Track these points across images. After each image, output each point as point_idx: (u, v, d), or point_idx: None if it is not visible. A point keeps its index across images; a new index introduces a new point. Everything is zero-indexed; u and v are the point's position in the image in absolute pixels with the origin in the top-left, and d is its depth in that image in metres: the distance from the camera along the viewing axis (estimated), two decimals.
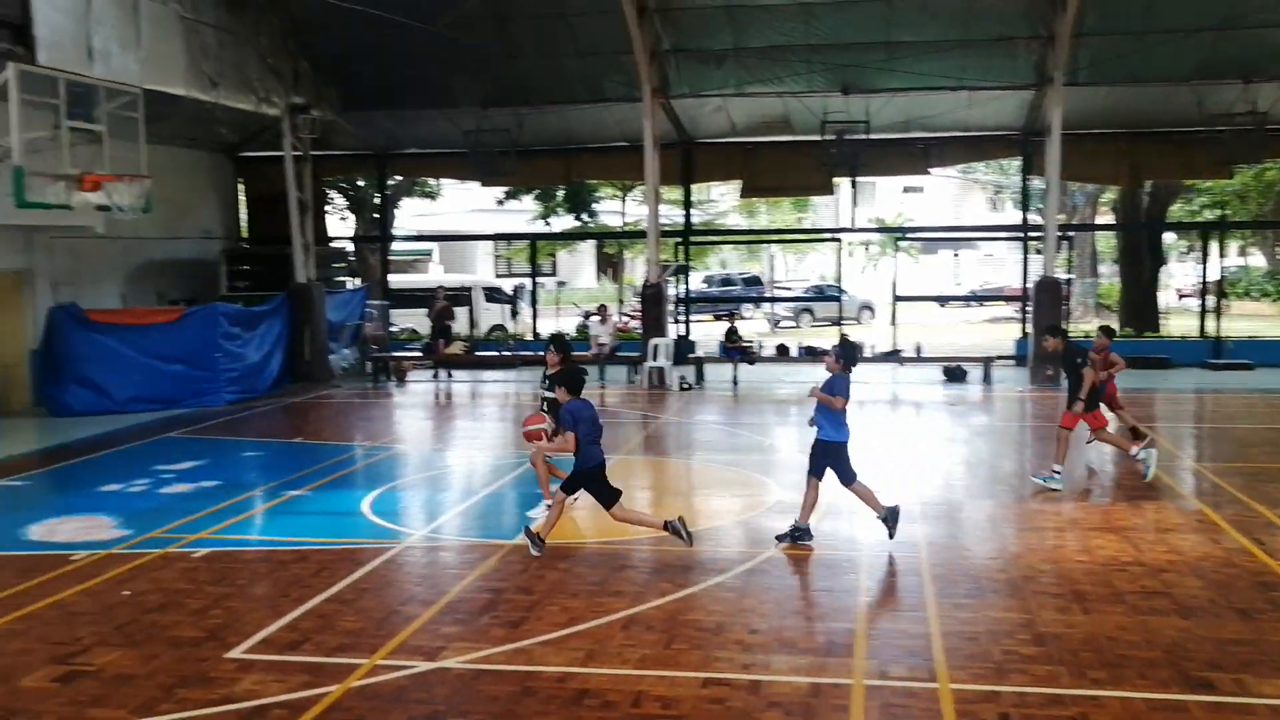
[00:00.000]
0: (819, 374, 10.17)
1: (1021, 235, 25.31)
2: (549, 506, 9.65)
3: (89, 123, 13.32)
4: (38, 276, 18.59)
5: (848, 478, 9.28)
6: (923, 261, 47.43)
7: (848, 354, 9.40)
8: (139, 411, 17.34)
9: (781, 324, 37.79)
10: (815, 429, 9.32)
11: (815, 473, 9.30)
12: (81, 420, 16.65)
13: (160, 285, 21.94)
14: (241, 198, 25.53)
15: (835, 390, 9.14)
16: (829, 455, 9.24)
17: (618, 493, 8.99)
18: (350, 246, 28.43)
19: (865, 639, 7.08)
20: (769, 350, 22.12)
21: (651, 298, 21.16)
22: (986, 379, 20.20)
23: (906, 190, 56.40)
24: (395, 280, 28.34)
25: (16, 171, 12.08)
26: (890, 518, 9.18)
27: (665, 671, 6.51)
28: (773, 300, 38.97)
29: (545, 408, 10.64)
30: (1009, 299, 35.27)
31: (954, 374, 20.87)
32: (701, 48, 20.45)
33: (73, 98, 13.04)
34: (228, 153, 24.46)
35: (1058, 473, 11.43)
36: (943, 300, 40.74)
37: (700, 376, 20.92)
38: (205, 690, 6.32)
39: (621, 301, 33.44)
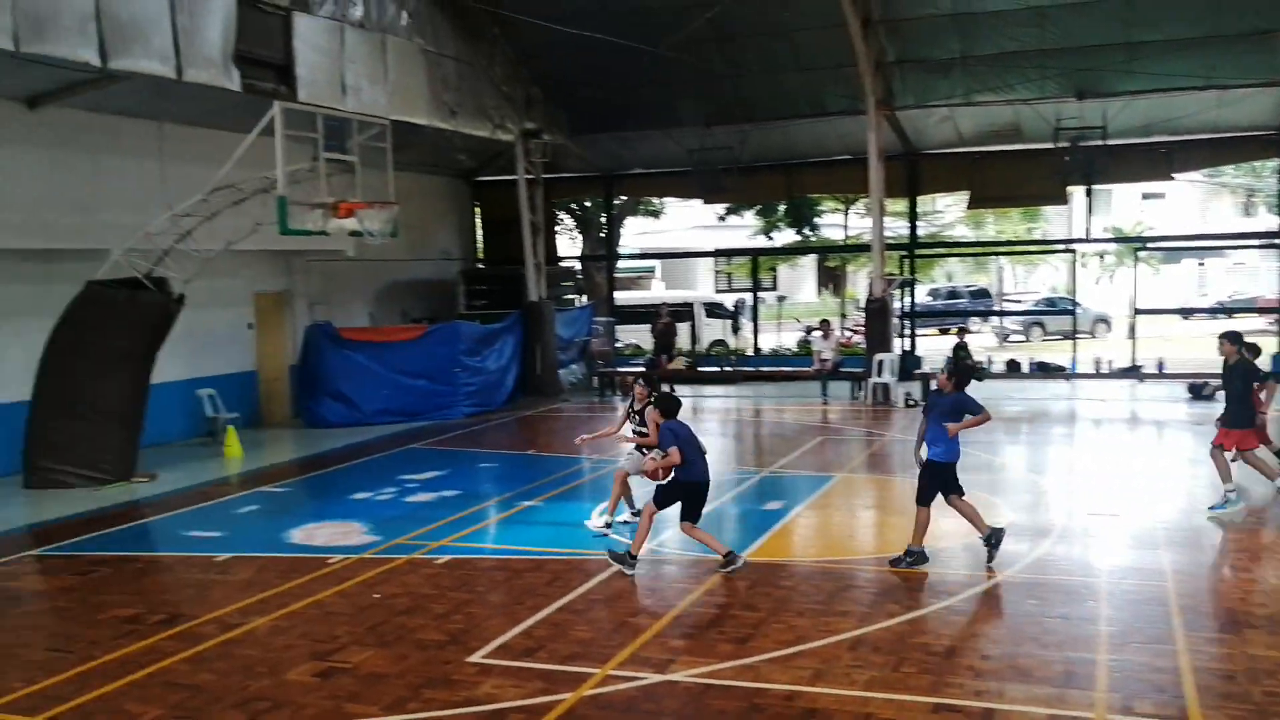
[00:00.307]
0: (1049, 389, 9.79)
1: (1277, 242, 23.28)
2: (625, 522, 10.31)
3: (342, 154, 14.29)
4: (296, 297, 20.15)
5: (953, 492, 9.11)
6: (1164, 272, 44.43)
7: (960, 371, 9.13)
8: (385, 423, 18.42)
9: (1011, 338, 36.30)
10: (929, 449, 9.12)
11: (924, 500, 9.10)
12: (334, 431, 17.85)
13: (404, 304, 23.32)
14: (477, 220, 26.77)
15: (964, 407, 8.96)
16: (939, 476, 9.04)
17: (699, 515, 9.14)
18: (578, 265, 29.29)
19: (1107, 670, 6.70)
20: (998, 365, 21.28)
21: (876, 312, 20.77)
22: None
23: (1146, 197, 53.03)
24: (620, 297, 28.95)
25: (280, 201, 13.09)
26: (993, 539, 8.88)
27: (894, 695, 6.38)
28: (1001, 314, 37.48)
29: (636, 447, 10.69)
30: (1263, 310, 32.57)
31: (1199, 391, 19.46)
32: (927, 58, 19.96)
33: (328, 131, 14.01)
34: (465, 178, 25.73)
35: (1231, 494, 10.62)
36: (1187, 313, 38.04)
37: (926, 393, 20.34)
38: (449, 692, 6.64)
39: (844, 316, 32.98)
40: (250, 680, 6.93)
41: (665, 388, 22.81)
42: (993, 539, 8.95)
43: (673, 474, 9.16)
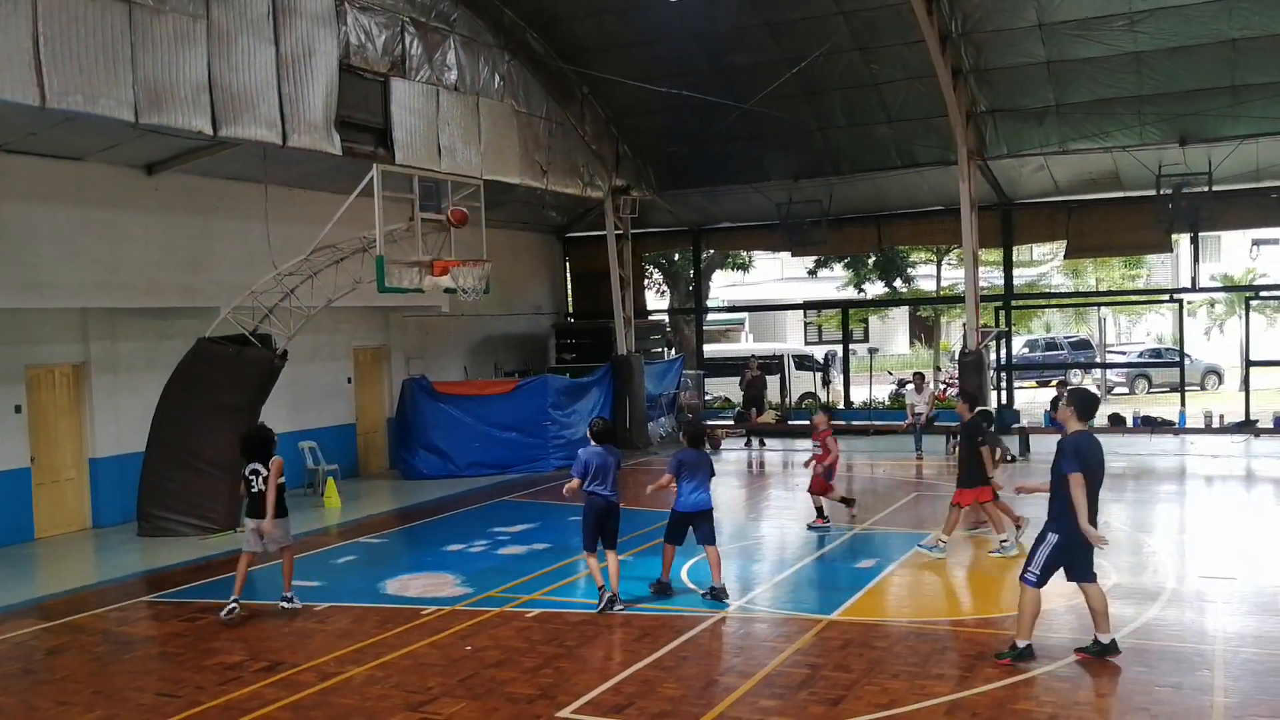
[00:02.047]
0: (1156, 444, 9.50)
1: None
2: None
3: (437, 213, 14.69)
4: (393, 352, 20.64)
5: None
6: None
7: (1084, 401, 8.27)
8: (477, 475, 18.66)
9: (1114, 390, 35.30)
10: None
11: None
12: (428, 483, 18.15)
13: (497, 358, 23.69)
14: (568, 275, 27.15)
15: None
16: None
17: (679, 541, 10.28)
18: (667, 319, 29.45)
19: None
20: (1101, 419, 20.69)
21: (971, 365, 20.41)
22: None
23: (1257, 243, 51.33)
24: (709, 350, 29.00)
25: (379, 260, 13.48)
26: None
27: None
28: (1103, 366, 36.49)
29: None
30: None
31: None
32: (1020, 106, 19.76)
33: (424, 191, 14.42)
34: (555, 233, 26.16)
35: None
36: None
37: (1025, 447, 19.88)
38: None
39: (938, 368, 32.49)
40: None
41: (755, 442, 22.90)
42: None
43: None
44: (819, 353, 32.98)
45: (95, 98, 11.44)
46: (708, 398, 27.15)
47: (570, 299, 27.34)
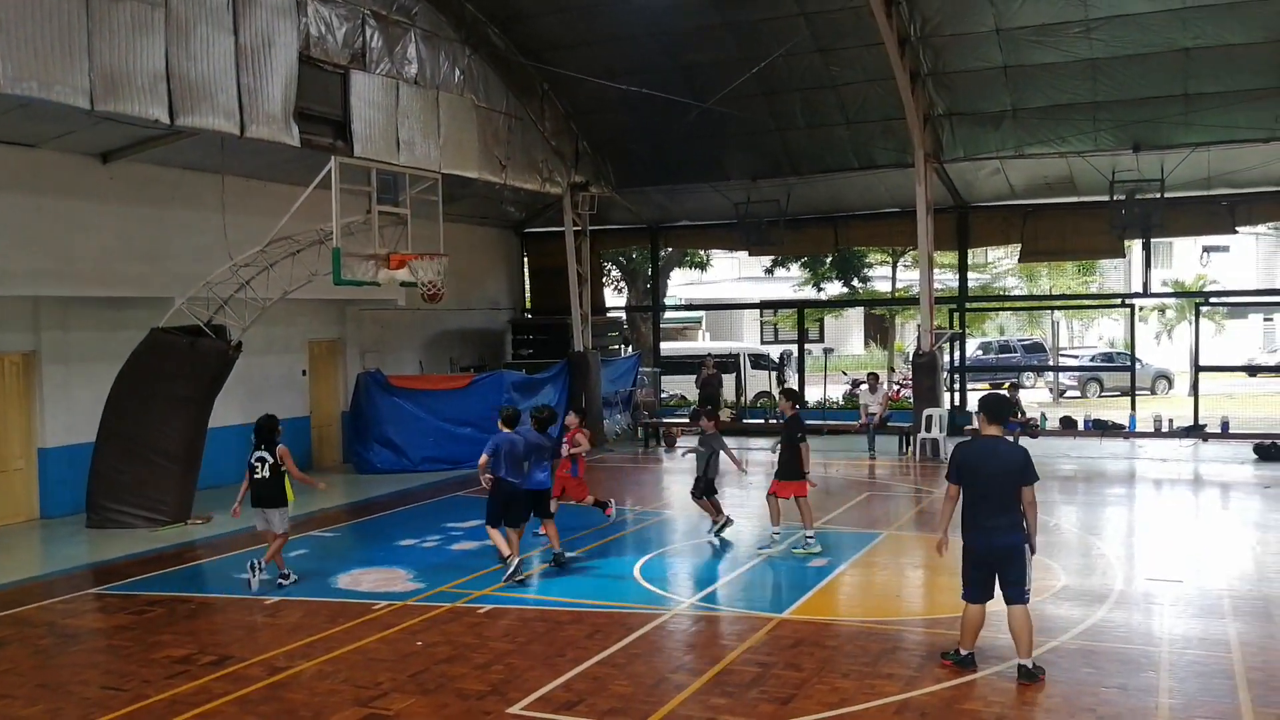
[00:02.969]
0: (1107, 447, 9.61)
1: None
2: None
3: (395, 206, 14.61)
4: (348, 345, 20.49)
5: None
6: (1228, 327, 43.68)
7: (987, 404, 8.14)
8: (431, 470, 18.56)
9: (1066, 394, 35.81)
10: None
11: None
12: (382, 477, 18.03)
13: (453, 353, 23.58)
14: (525, 271, 27.09)
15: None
16: None
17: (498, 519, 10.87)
18: (624, 316, 29.46)
19: None
20: (1052, 422, 21.00)
21: (924, 366, 20.63)
22: None
23: (1208, 250, 52.30)
24: (665, 348, 29.05)
25: (335, 253, 13.37)
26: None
27: None
28: (1056, 369, 36.99)
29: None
30: None
31: (1267, 452, 19.04)
32: (977, 110, 19.99)
33: (382, 184, 14.34)
34: (514, 229, 26.09)
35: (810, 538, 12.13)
36: (1253, 370, 37.30)
37: None
38: None
39: (892, 369, 32.77)
40: None
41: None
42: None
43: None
44: (775, 352, 33.17)
45: (50, 84, 11.28)
46: (664, 395, 27.20)
47: (528, 295, 27.29)
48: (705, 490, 12.82)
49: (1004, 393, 7.77)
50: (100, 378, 14.55)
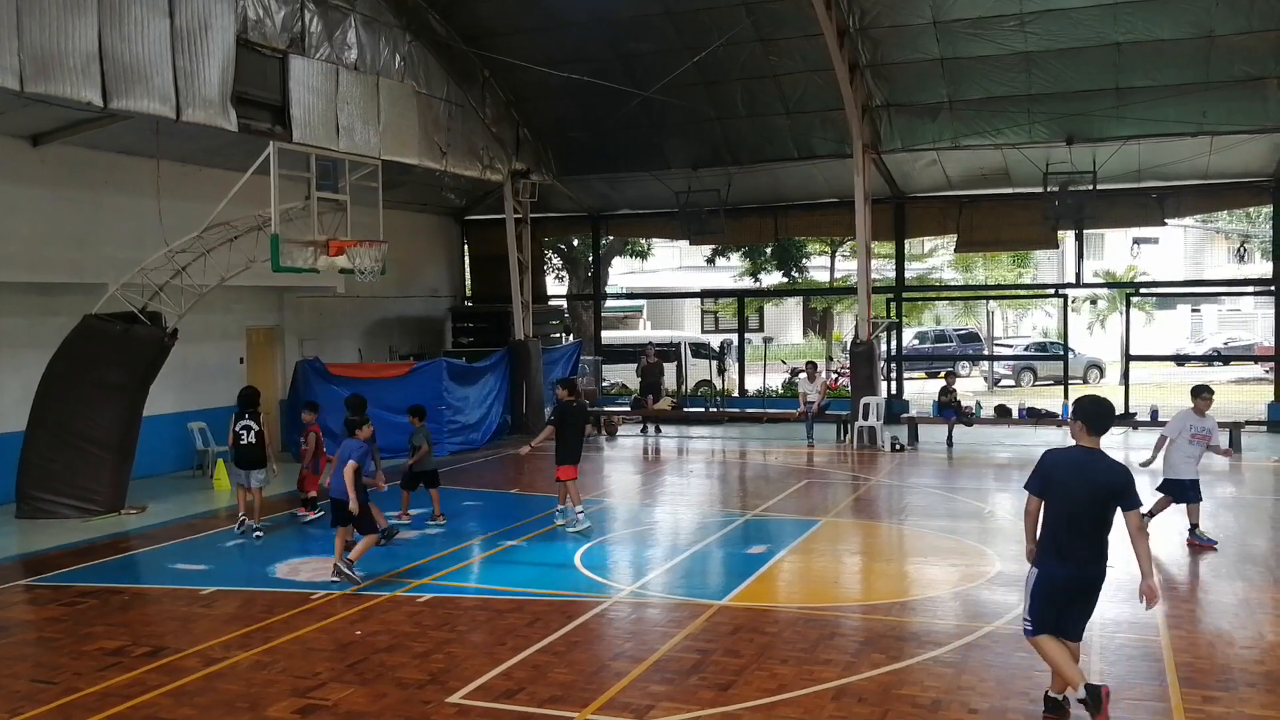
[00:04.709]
0: (1040, 435, 9.75)
1: (1272, 289, 23.37)
2: None
3: (334, 193, 14.44)
4: (287, 333, 20.24)
5: None
6: (1158, 318, 44.78)
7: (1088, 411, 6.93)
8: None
9: (1001, 383, 36.47)
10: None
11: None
12: None
13: (392, 341, 23.39)
14: (466, 258, 26.93)
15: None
16: None
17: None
18: (565, 304, 29.44)
19: None
20: (988, 411, 21.41)
21: (862, 355, 20.90)
22: (1234, 445, 18.65)
23: (1138, 241, 53.54)
24: (607, 336, 29.08)
25: (273, 239, 13.19)
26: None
27: None
28: (991, 358, 37.67)
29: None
30: (1259, 359, 32.79)
31: None
32: (915, 102, 20.26)
33: (321, 170, 14.16)
34: (454, 216, 25.92)
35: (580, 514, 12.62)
36: (1181, 359, 38.26)
37: (913, 437, 20.44)
38: None
39: (830, 358, 33.12)
40: (231, 715, 6.94)
41: (651, 428, 23.11)
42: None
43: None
44: (715, 341, 33.36)
45: None
46: (605, 384, 27.24)
47: (468, 282, 27.14)
48: (409, 483, 13.71)
49: (1107, 398, 7.02)
50: (30, 365, 14.22)
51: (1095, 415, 6.79)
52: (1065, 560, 6.54)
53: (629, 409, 24.26)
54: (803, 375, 22.83)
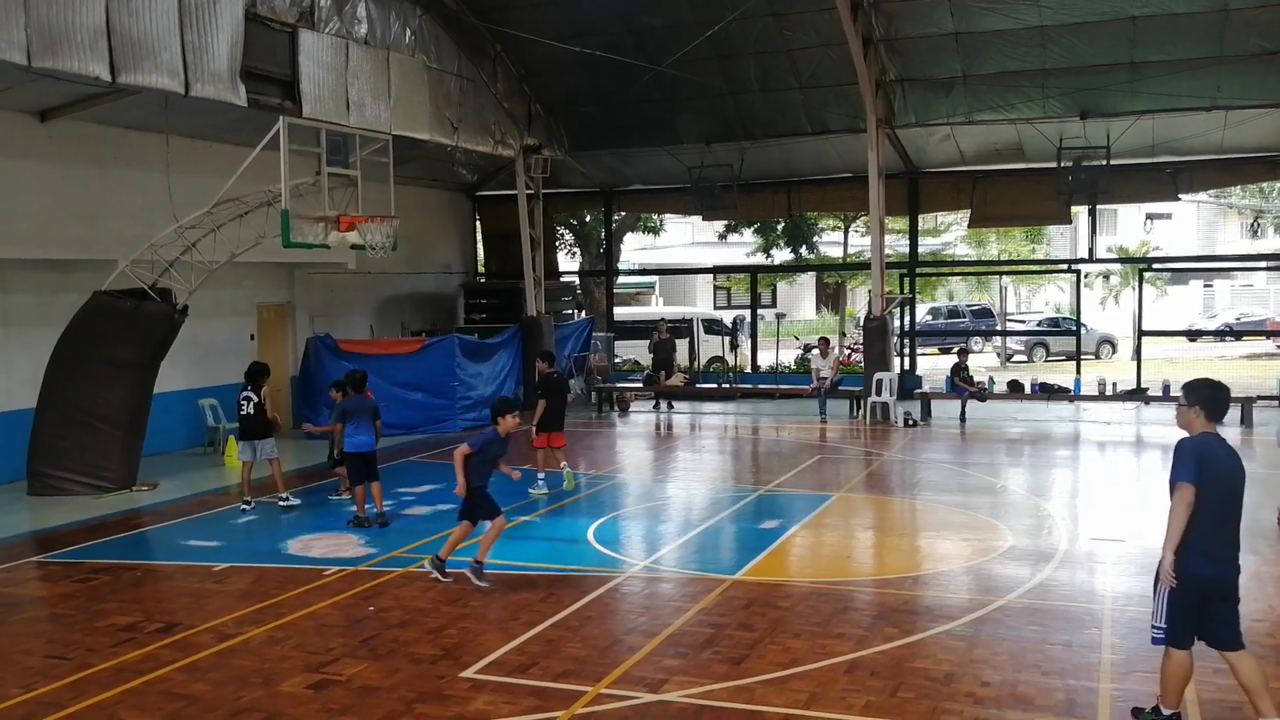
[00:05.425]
0: (1052, 410, 9.68)
1: None
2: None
3: (345, 168, 14.38)
4: (297, 309, 20.22)
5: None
6: (1170, 293, 44.50)
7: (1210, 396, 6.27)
8: (383, 436, 18.36)
9: (1014, 358, 36.33)
10: None
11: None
12: None
13: (404, 317, 23.37)
14: (478, 234, 26.86)
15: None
16: None
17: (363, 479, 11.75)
18: (577, 280, 29.36)
19: (1110, 700, 6.67)
20: (1000, 386, 21.30)
21: (875, 331, 20.80)
22: (1245, 420, 18.52)
23: (1151, 217, 53.19)
24: (619, 313, 29.00)
25: (283, 215, 13.17)
26: None
27: None
28: (1004, 334, 37.51)
29: None
30: (1271, 334, 32.61)
31: None
32: (929, 76, 20.06)
33: (331, 146, 14.11)
34: (466, 192, 25.83)
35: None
36: (1193, 335, 38.06)
37: (926, 412, 20.36)
38: (441, 707, 6.65)
39: (843, 334, 33.01)
40: (244, 691, 6.94)
41: (663, 404, 23.10)
42: None
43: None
44: (728, 317, 33.26)
45: None
46: (617, 360, 27.20)
47: (480, 258, 27.07)
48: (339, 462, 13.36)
49: (1220, 380, 6.45)
50: (40, 342, 14.22)
51: (1214, 400, 6.18)
52: (1214, 560, 5.89)
53: (641, 385, 24.23)
54: (815, 351, 22.76)
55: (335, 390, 13.40)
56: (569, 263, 32.01)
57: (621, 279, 37.66)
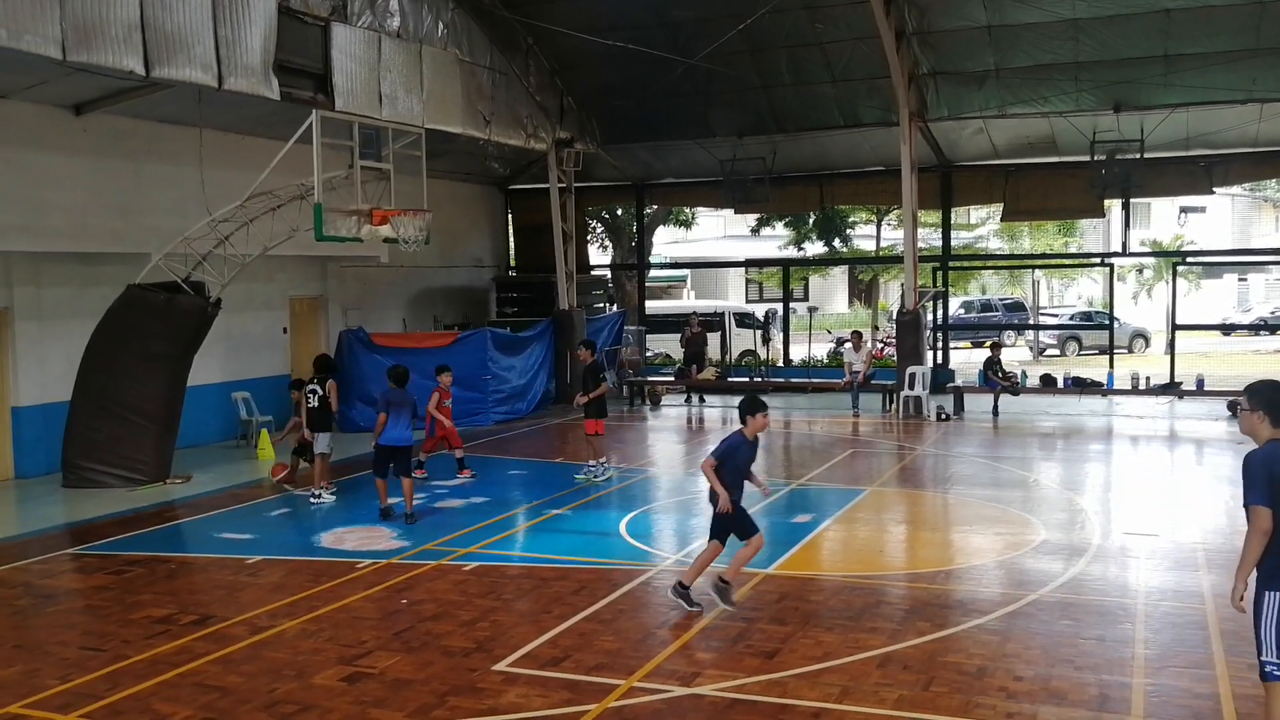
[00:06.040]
0: (1085, 405, 9.54)
1: None
2: None
3: (378, 162, 14.42)
4: (330, 302, 20.33)
5: None
6: (1204, 286, 43.95)
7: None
8: (416, 428, 18.44)
9: (1046, 352, 36.00)
10: None
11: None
12: (365, 435, 17.79)
13: (436, 310, 23.45)
14: (510, 228, 26.91)
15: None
16: None
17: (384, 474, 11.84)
18: (609, 274, 29.35)
19: (1143, 695, 6.60)
20: (1033, 380, 21.11)
21: (908, 324, 20.66)
22: None
23: (1185, 210, 52.54)
24: (650, 306, 28.97)
25: (316, 208, 13.21)
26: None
27: (923, 714, 6.32)
28: (1036, 328, 37.17)
29: None
30: None
31: (1239, 408, 19.15)
32: (961, 70, 19.88)
33: (364, 139, 14.13)
34: (498, 185, 25.87)
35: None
36: (1227, 329, 37.55)
37: (959, 406, 20.20)
38: (474, 700, 6.66)
39: (875, 328, 32.83)
40: (278, 683, 6.98)
41: (695, 398, 23.05)
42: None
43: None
44: (760, 310, 33.14)
45: (20, 33, 10.98)
46: (649, 354, 27.17)
47: (512, 252, 27.11)
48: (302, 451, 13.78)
49: None
50: (74, 335, 14.36)
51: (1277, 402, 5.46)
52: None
53: (673, 379, 24.19)
54: (848, 345, 22.65)
55: (293, 389, 13.92)
56: (600, 256, 32.01)
57: (653, 272, 37.64)
